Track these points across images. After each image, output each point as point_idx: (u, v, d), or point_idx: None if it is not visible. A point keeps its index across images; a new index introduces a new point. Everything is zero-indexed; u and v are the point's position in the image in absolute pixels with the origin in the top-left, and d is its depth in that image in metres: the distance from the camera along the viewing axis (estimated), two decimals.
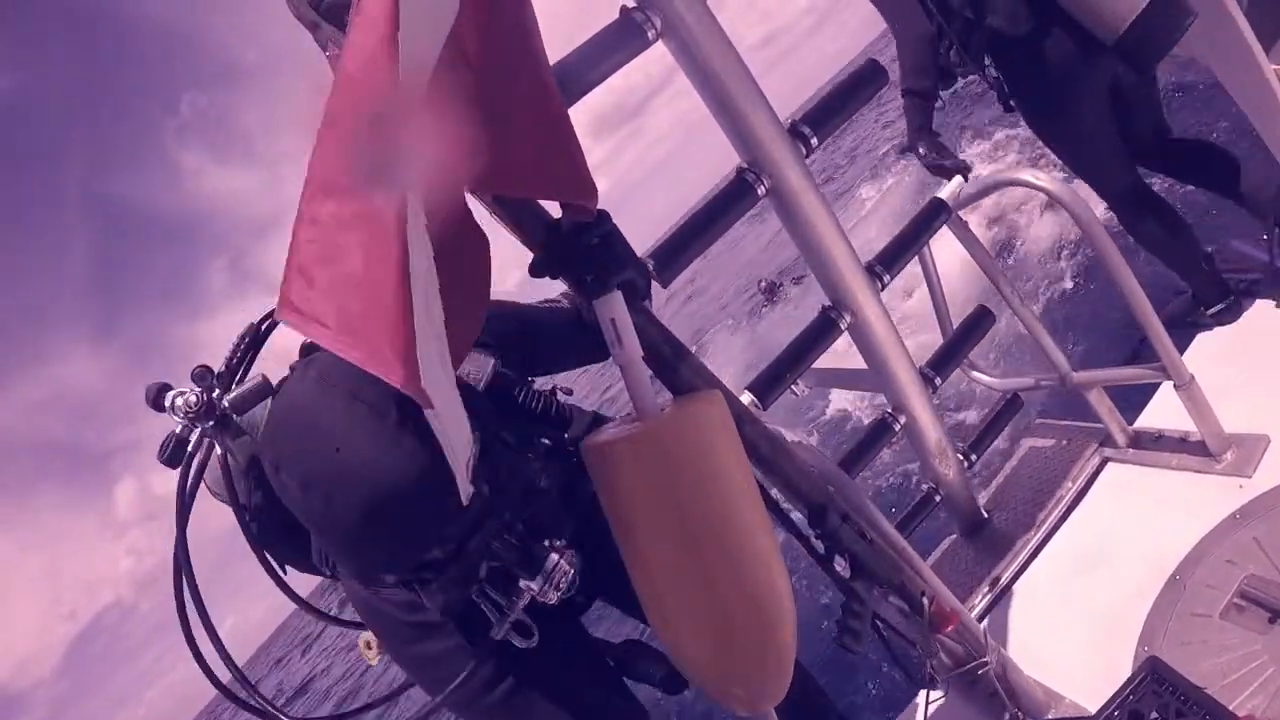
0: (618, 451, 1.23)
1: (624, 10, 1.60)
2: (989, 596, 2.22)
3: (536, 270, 1.28)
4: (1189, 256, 2.75)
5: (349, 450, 1.17)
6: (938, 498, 2.23)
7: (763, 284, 17.61)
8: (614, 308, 1.25)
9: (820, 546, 1.67)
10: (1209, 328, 2.64)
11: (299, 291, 0.83)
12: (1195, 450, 2.17)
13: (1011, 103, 2.78)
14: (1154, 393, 2.48)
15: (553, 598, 1.36)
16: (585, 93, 1.57)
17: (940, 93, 2.85)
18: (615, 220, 1.28)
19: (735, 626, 1.31)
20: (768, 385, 1.83)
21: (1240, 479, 2.02)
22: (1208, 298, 2.69)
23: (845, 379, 2.20)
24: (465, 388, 1.43)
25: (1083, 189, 2.70)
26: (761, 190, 1.70)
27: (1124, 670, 1.79)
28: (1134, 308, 2.01)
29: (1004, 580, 2.23)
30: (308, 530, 1.29)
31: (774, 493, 1.58)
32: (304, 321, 0.82)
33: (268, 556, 1.40)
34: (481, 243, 1.17)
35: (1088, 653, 1.91)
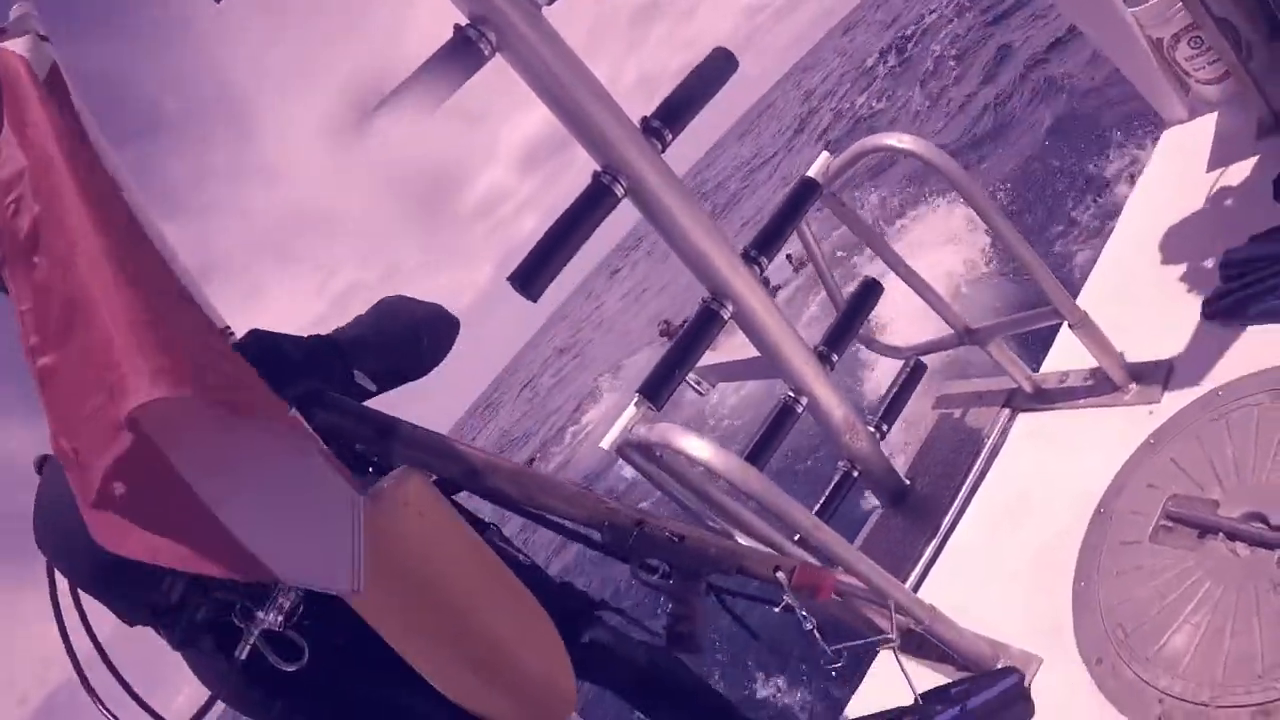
0: None
1: (457, 28, 1.58)
2: (924, 561, 2.19)
3: None
4: None
5: (72, 533, 1.29)
6: (855, 474, 2.20)
7: (661, 324, 17.55)
8: None
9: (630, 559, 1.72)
10: None
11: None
12: (1101, 386, 2.17)
13: None
14: (1053, 338, 2.50)
15: (279, 623, 1.47)
16: (431, 112, 1.55)
17: None
18: None
19: (497, 678, 1.50)
20: (657, 386, 1.78)
21: (1149, 406, 2.02)
22: None
23: (743, 370, 2.17)
24: None
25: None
26: (619, 191, 1.67)
27: (1065, 609, 1.77)
28: (1014, 252, 1.99)
29: (935, 544, 2.19)
30: None
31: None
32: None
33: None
34: None
35: (1027, 598, 1.88)
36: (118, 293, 1.03)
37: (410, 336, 1.93)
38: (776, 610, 1.75)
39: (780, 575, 1.72)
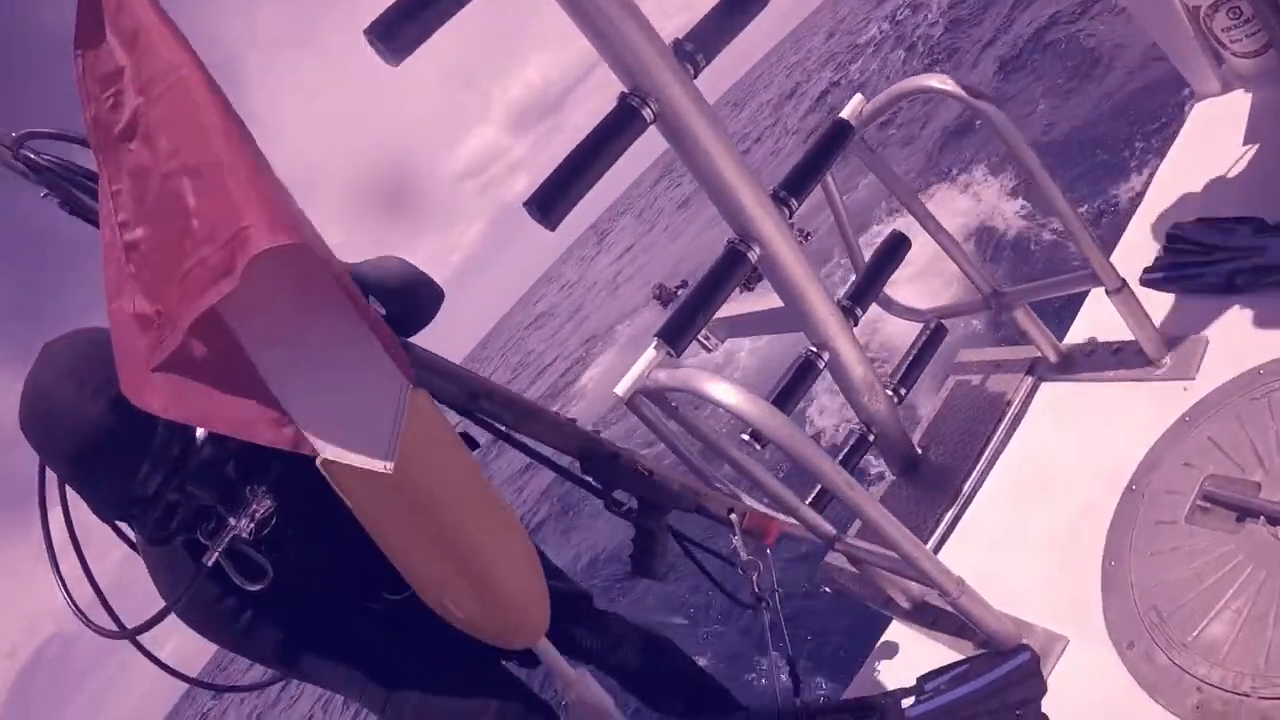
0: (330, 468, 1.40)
1: None
2: (939, 533, 2.09)
3: None
4: None
5: (55, 415, 1.46)
6: (872, 437, 2.09)
7: (655, 288, 17.06)
8: None
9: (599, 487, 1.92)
10: None
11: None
12: (1132, 359, 2.05)
13: None
14: (1080, 308, 2.39)
15: (250, 531, 1.54)
16: (436, 28, 1.41)
17: None
18: None
19: (475, 589, 1.60)
20: (678, 330, 1.64)
21: (1183, 382, 1.91)
22: None
23: (759, 323, 2.05)
24: None
25: None
26: (648, 115, 1.52)
27: (1093, 589, 1.68)
28: (1057, 210, 1.87)
29: (950, 515, 2.10)
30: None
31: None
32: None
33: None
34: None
35: (1053, 576, 1.79)
36: (248, 169, 1.21)
37: (409, 284, 2.04)
38: (724, 553, 1.96)
39: (733, 516, 1.90)
